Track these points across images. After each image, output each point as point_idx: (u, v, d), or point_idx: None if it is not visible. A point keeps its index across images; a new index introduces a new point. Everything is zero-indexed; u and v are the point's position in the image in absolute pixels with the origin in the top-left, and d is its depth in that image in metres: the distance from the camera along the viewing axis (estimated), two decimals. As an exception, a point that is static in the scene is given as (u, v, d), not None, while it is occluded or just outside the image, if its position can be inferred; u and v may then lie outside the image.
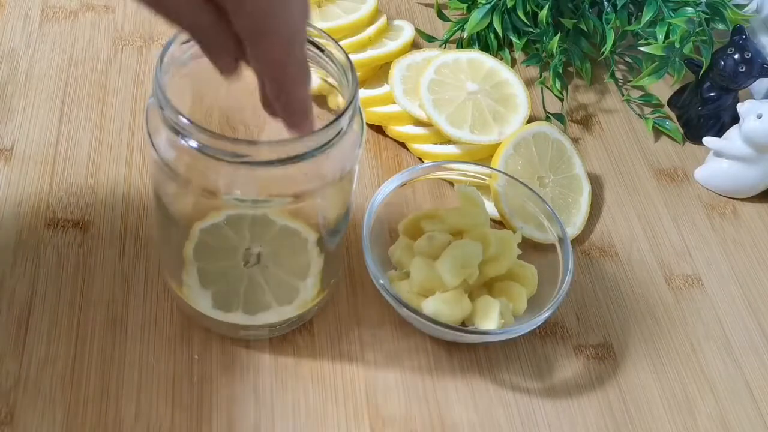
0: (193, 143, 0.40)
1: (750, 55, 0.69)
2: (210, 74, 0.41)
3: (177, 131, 0.40)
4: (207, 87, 0.47)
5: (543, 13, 0.71)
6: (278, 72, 0.38)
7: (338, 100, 0.63)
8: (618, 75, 0.77)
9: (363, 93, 0.68)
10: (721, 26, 0.71)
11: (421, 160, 0.66)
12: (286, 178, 0.43)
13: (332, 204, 0.49)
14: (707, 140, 0.69)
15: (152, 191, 0.49)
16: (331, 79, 0.47)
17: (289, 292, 0.52)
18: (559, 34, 0.71)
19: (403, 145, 0.68)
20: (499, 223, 0.62)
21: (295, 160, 0.41)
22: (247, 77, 0.41)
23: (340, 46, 0.46)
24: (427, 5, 0.79)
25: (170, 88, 0.42)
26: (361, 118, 0.47)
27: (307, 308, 0.53)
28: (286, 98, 0.39)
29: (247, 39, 0.37)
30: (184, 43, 0.44)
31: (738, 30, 0.70)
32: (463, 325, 0.55)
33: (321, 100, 0.63)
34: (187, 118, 0.39)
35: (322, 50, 0.46)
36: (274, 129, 0.43)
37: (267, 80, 0.39)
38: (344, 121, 0.43)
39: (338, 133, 0.43)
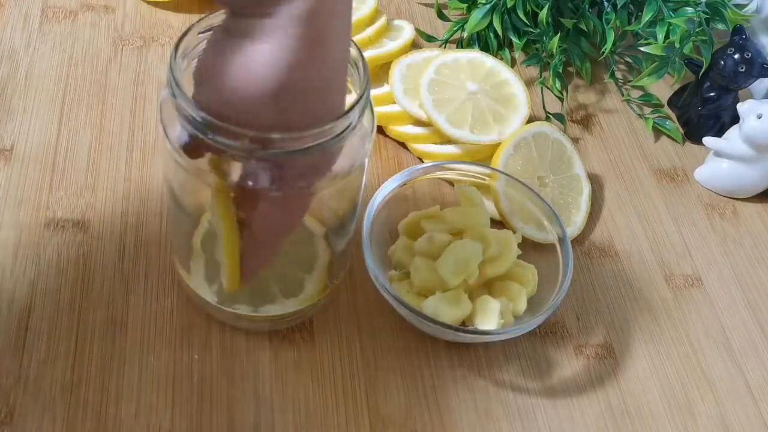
0: (205, 134, 0.40)
1: (750, 55, 0.68)
2: None
3: (189, 122, 0.41)
4: None
5: (543, 13, 0.71)
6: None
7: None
8: (618, 75, 0.77)
9: (363, 93, 0.68)
10: (721, 26, 0.71)
11: (421, 160, 0.66)
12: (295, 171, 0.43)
13: (341, 198, 0.49)
14: (707, 140, 0.69)
15: (164, 180, 0.49)
16: None
17: (294, 286, 0.53)
18: (559, 34, 0.71)
19: (403, 145, 0.68)
20: (499, 223, 0.62)
21: (305, 152, 0.41)
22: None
23: (352, 40, 0.46)
24: (427, 5, 0.79)
25: (183, 78, 0.42)
26: (372, 113, 0.47)
27: (312, 302, 0.53)
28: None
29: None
30: (201, 33, 0.44)
31: (738, 30, 0.70)
32: (463, 325, 0.55)
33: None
34: (200, 109, 0.39)
35: None
36: None
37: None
38: (355, 114, 0.43)
39: (348, 126, 0.42)
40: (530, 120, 0.66)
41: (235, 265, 0.47)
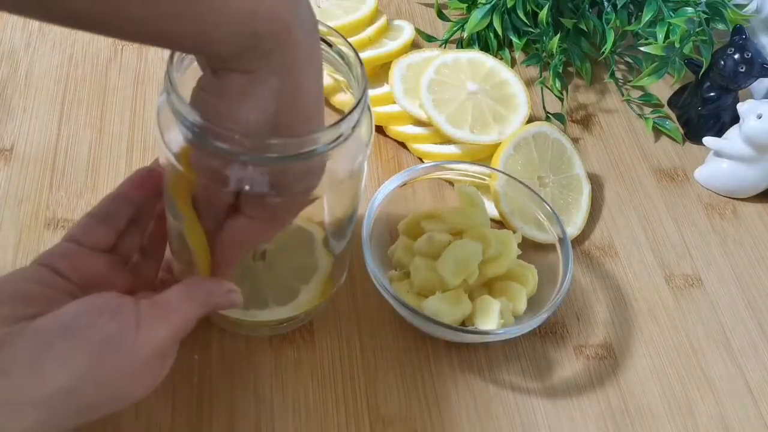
0: (203, 140, 0.40)
1: (750, 55, 0.68)
2: None
3: (186, 125, 0.40)
4: None
5: (543, 13, 0.71)
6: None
7: (338, 99, 0.62)
8: (618, 75, 0.77)
9: (363, 93, 0.68)
10: (721, 26, 0.71)
11: (421, 160, 0.66)
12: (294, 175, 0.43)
13: (340, 202, 0.49)
14: (707, 140, 0.69)
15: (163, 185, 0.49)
16: (339, 76, 0.47)
17: (288, 294, 0.52)
18: (559, 34, 0.71)
19: (403, 145, 0.68)
20: (499, 223, 0.62)
21: (304, 157, 0.41)
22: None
23: (349, 43, 0.46)
24: (427, 5, 0.79)
25: (181, 83, 0.42)
26: (370, 116, 0.47)
27: (305, 310, 0.53)
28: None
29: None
30: None
31: (738, 30, 0.70)
32: (463, 325, 0.55)
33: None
34: (198, 114, 0.39)
35: (330, 46, 0.46)
36: None
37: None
38: (353, 118, 0.42)
39: (347, 130, 0.42)
40: (530, 120, 0.66)
41: (204, 253, 0.46)
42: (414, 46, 0.72)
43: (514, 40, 0.74)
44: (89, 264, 0.46)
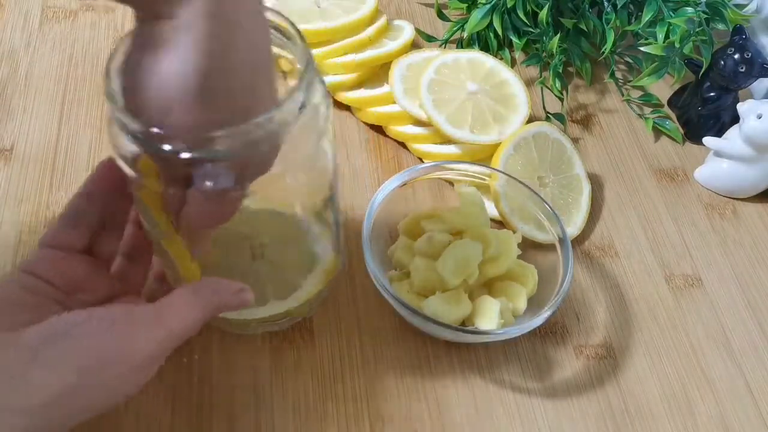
0: (146, 144, 0.38)
1: (750, 55, 0.68)
2: None
3: (130, 135, 0.38)
4: None
5: (543, 13, 0.71)
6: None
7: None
8: (618, 75, 0.77)
9: (363, 93, 0.68)
10: (721, 26, 0.71)
11: (421, 160, 0.66)
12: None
13: (313, 182, 0.47)
14: (707, 140, 0.69)
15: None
16: (284, 52, 0.44)
17: (288, 286, 0.52)
18: (559, 34, 0.71)
19: (403, 145, 0.68)
20: (499, 223, 0.62)
21: (254, 145, 0.38)
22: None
23: (282, 15, 0.42)
24: (427, 5, 0.79)
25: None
26: (322, 85, 0.44)
27: (307, 300, 0.53)
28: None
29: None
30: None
31: (738, 30, 0.70)
32: (463, 325, 0.55)
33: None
34: (140, 123, 0.37)
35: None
36: None
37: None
38: (299, 95, 0.40)
39: (296, 105, 0.40)
40: (530, 120, 0.66)
41: (185, 258, 0.45)
42: (414, 46, 0.72)
43: (514, 40, 0.74)
44: (68, 266, 0.45)
